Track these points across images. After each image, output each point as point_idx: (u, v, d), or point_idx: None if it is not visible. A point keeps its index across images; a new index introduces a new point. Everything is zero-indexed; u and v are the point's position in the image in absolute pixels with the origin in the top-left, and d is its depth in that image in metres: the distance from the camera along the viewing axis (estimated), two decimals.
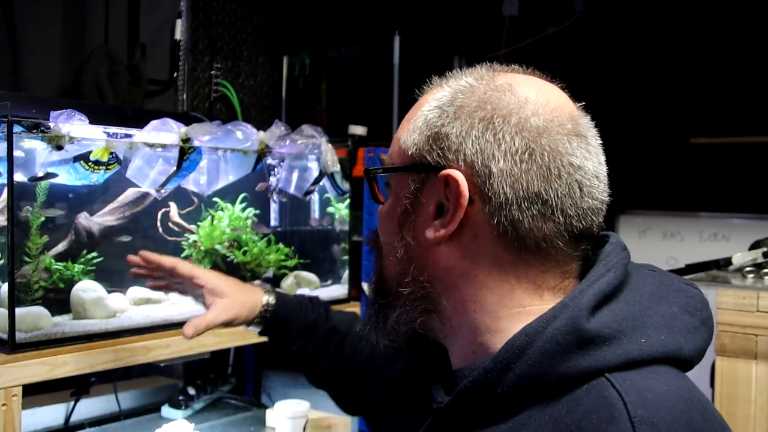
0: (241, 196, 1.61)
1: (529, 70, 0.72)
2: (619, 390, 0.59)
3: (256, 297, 1.10)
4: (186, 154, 1.39)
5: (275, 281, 1.69)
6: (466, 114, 0.67)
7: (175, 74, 2.06)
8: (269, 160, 1.62)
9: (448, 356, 0.75)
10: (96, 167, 1.26)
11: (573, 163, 0.65)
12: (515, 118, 0.65)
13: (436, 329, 0.73)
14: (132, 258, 1.13)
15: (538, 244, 0.65)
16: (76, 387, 1.64)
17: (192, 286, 1.10)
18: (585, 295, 0.63)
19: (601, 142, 0.70)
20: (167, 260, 1.12)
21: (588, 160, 0.67)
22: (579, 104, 0.71)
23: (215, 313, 1.06)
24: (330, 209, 1.86)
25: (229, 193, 1.58)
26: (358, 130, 1.96)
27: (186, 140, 1.39)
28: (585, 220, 0.67)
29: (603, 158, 0.69)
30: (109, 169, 1.29)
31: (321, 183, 1.73)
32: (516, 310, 0.67)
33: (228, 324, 1.08)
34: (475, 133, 0.65)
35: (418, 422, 0.75)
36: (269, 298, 1.11)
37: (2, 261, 1.22)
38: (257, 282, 1.13)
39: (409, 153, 0.70)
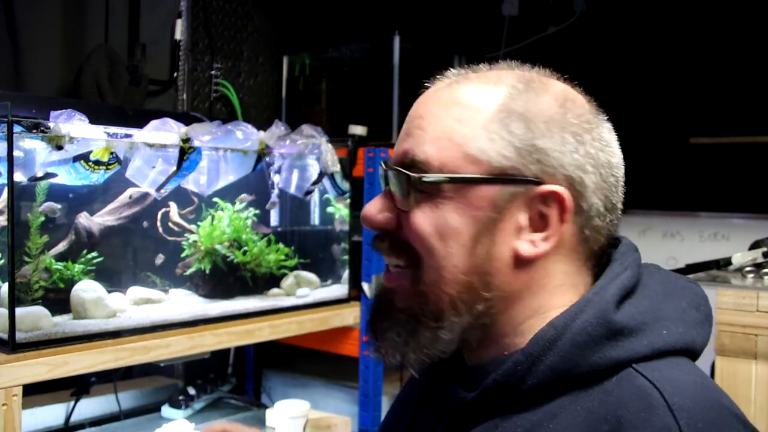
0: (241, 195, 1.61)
1: (557, 74, 0.73)
2: (651, 380, 0.61)
3: None
4: (186, 154, 1.39)
5: (275, 281, 1.69)
6: (558, 127, 0.66)
7: (175, 74, 2.06)
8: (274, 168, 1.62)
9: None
10: (96, 167, 1.26)
11: (623, 173, 0.72)
12: (596, 132, 0.68)
13: (471, 338, 0.70)
14: None
15: (597, 250, 0.70)
16: (76, 387, 1.64)
17: None
18: (609, 290, 0.65)
19: None
20: None
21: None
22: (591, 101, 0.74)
23: None
24: (330, 209, 1.86)
25: (229, 193, 1.58)
26: (358, 130, 1.96)
27: (186, 140, 1.39)
28: (619, 224, 0.72)
29: None
30: (109, 169, 1.29)
31: (321, 183, 1.73)
32: (561, 311, 0.67)
33: None
34: (569, 147, 0.66)
35: (433, 420, 0.74)
36: None
37: (2, 261, 1.22)
38: None
39: (494, 164, 0.65)
